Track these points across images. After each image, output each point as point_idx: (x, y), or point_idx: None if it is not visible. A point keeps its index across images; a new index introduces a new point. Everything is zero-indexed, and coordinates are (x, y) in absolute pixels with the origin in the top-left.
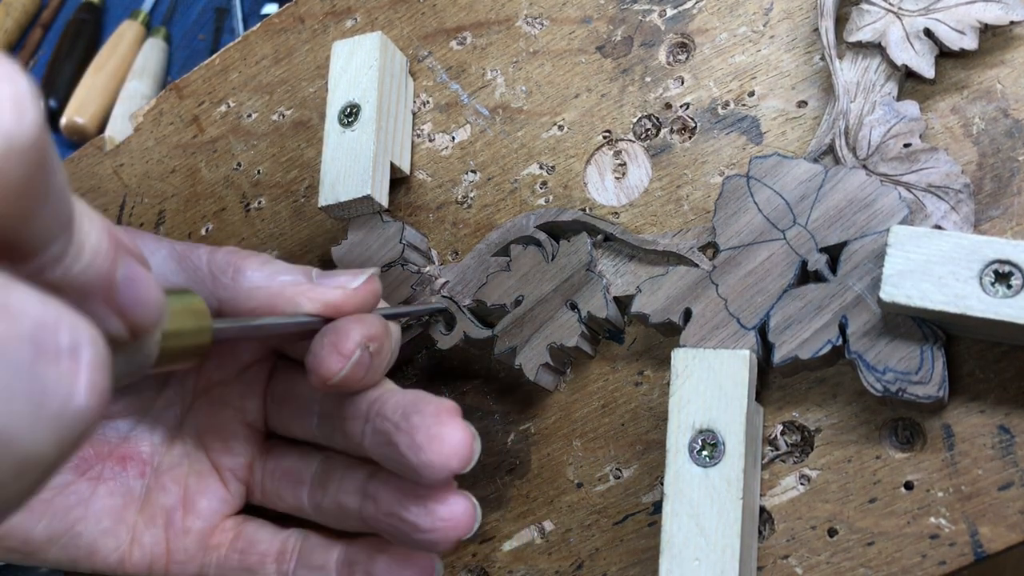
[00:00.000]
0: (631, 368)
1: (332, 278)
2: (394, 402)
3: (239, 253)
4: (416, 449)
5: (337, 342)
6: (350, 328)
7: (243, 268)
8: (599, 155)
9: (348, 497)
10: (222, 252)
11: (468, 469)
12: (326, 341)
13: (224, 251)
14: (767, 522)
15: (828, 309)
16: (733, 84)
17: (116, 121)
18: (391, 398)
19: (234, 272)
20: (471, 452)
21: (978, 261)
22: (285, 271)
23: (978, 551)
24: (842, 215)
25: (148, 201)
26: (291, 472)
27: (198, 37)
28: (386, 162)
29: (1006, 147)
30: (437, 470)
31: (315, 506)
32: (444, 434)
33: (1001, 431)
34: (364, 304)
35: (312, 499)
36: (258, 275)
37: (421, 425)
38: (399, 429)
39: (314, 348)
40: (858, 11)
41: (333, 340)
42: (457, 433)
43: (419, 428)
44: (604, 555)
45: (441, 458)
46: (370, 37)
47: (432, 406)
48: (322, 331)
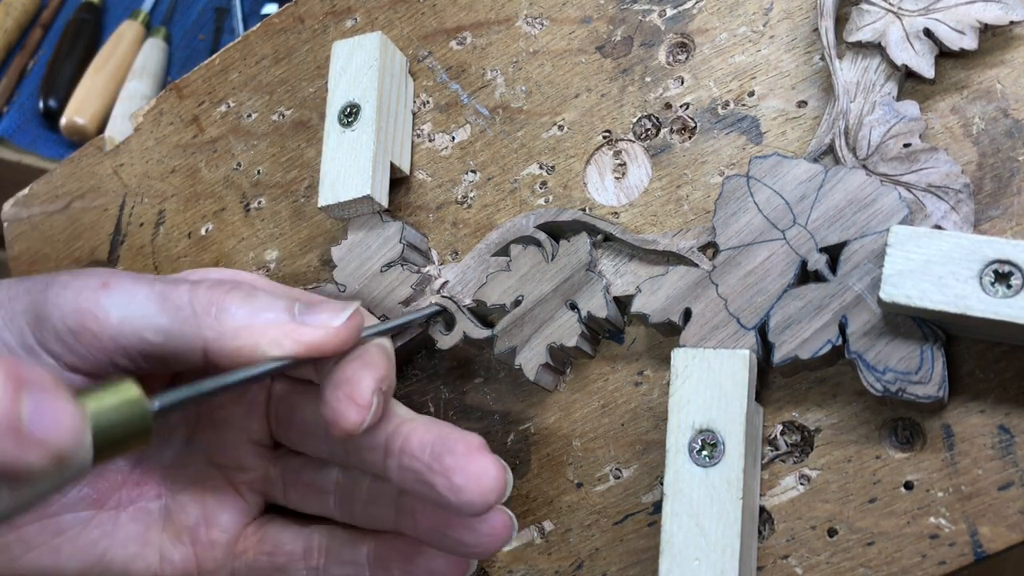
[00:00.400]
0: (631, 368)
1: (315, 314)
2: (419, 439)
3: (221, 287)
4: (456, 491)
5: (353, 394)
6: (362, 377)
7: (226, 306)
8: (599, 155)
9: (381, 510)
10: (204, 289)
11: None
12: (341, 394)
13: (206, 287)
14: (767, 522)
15: (828, 309)
16: (733, 84)
17: (116, 121)
18: (414, 434)
19: (217, 311)
20: (506, 484)
21: (978, 261)
22: (268, 306)
23: (978, 551)
24: (842, 215)
25: (148, 201)
26: (312, 484)
27: (198, 37)
28: (386, 162)
29: (1006, 147)
30: (479, 507)
31: (344, 513)
32: (480, 473)
33: (1001, 431)
34: (347, 342)
35: (341, 507)
36: (241, 313)
37: (456, 466)
38: (433, 471)
39: (329, 401)
40: (858, 11)
41: (348, 392)
42: (492, 469)
43: (455, 470)
44: (604, 555)
45: (481, 497)
46: (370, 37)
47: (462, 444)
48: (333, 382)
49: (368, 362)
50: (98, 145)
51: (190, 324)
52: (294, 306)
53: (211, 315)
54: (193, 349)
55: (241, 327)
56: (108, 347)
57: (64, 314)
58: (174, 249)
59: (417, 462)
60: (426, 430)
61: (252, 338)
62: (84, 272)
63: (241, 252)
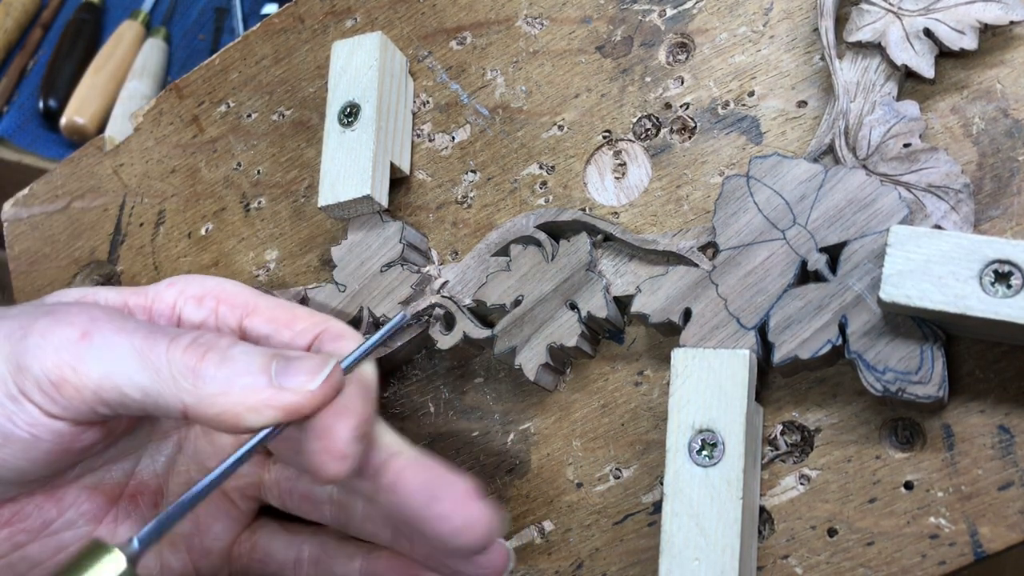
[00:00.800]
0: (631, 368)
1: (293, 375)
2: (409, 482)
3: (198, 348)
4: (451, 535)
5: (330, 448)
6: (339, 428)
7: (203, 372)
8: (599, 155)
9: (378, 529)
10: (181, 350)
11: None
12: (319, 447)
13: (183, 347)
14: (767, 522)
15: (828, 309)
16: (733, 84)
17: (116, 121)
18: (404, 474)
19: (194, 377)
20: (497, 527)
21: (978, 261)
22: (245, 369)
23: (978, 551)
24: (842, 215)
25: (148, 201)
26: (308, 495)
27: (198, 37)
28: (386, 162)
29: (1006, 147)
30: (473, 551)
31: (340, 524)
32: (473, 521)
33: (1001, 431)
34: (326, 402)
35: (336, 519)
36: (219, 378)
37: (451, 513)
38: (426, 516)
39: (309, 453)
40: (858, 11)
41: (326, 445)
42: (483, 516)
43: (449, 517)
44: (604, 555)
45: (475, 542)
46: (370, 37)
47: (455, 489)
48: (311, 433)
49: (344, 408)
50: (98, 145)
51: (169, 387)
52: (271, 366)
53: (188, 380)
54: (173, 408)
55: (219, 393)
56: (89, 399)
57: (44, 367)
58: (174, 249)
59: (410, 504)
60: (415, 472)
61: (230, 406)
62: (62, 319)
63: (241, 252)
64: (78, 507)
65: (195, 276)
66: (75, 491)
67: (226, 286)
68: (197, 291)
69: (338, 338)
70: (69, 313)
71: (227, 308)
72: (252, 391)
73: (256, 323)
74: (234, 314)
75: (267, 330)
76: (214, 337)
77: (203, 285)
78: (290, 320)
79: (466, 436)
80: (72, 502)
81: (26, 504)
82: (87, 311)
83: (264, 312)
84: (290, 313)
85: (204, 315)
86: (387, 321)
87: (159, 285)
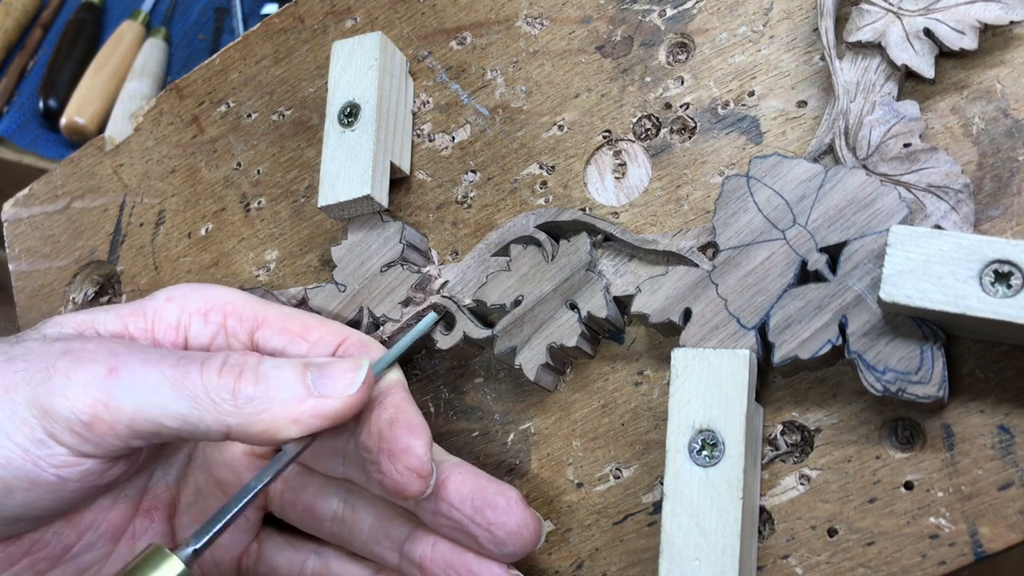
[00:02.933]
0: (631, 368)
1: (330, 382)
2: (457, 490)
3: (232, 369)
4: (499, 544)
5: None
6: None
7: (242, 391)
8: (599, 155)
9: (384, 551)
10: (216, 373)
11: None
12: (401, 467)
13: (216, 370)
14: (767, 522)
15: (828, 309)
16: (733, 84)
17: (116, 121)
18: (451, 483)
19: (234, 398)
20: (541, 533)
21: (978, 261)
22: (283, 384)
23: (978, 551)
24: (842, 215)
25: (148, 201)
26: (311, 510)
27: (198, 37)
28: (386, 162)
29: (1006, 147)
30: (518, 557)
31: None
32: (521, 527)
33: (1001, 431)
34: (363, 404)
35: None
36: (259, 395)
37: (498, 522)
38: (476, 524)
39: (389, 473)
40: (858, 11)
41: (408, 464)
42: (531, 523)
43: (497, 525)
44: (604, 555)
45: (522, 549)
46: (370, 37)
47: (502, 499)
48: (387, 451)
49: (417, 426)
50: (98, 145)
51: (209, 412)
52: (306, 376)
53: (228, 402)
54: (215, 432)
55: (262, 411)
56: (123, 433)
57: (75, 408)
58: (174, 249)
59: (457, 513)
60: (463, 480)
61: (274, 421)
62: (84, 357)
63: (241, 252)
64: (96, 529)
65: (194, 287)
66: (92, 513)
67: (230, 297)
68: (201, 305)
69: (362, 347)
70: (87, 350)
71: (235, 321)
72: (294, 403)
73: (268, 335)
74: (244, 327)
75: (280, 342)
76: (242, 356)
77: (206, 298)
78: (303, 330)
79: (466, 436)
80: (90, 524)
81: (44, 532)
82: (105, 345)
83: (275, 324)
84: (300, 323)
85: (212, 331)
86: (387, 321)
87: (156, 300)
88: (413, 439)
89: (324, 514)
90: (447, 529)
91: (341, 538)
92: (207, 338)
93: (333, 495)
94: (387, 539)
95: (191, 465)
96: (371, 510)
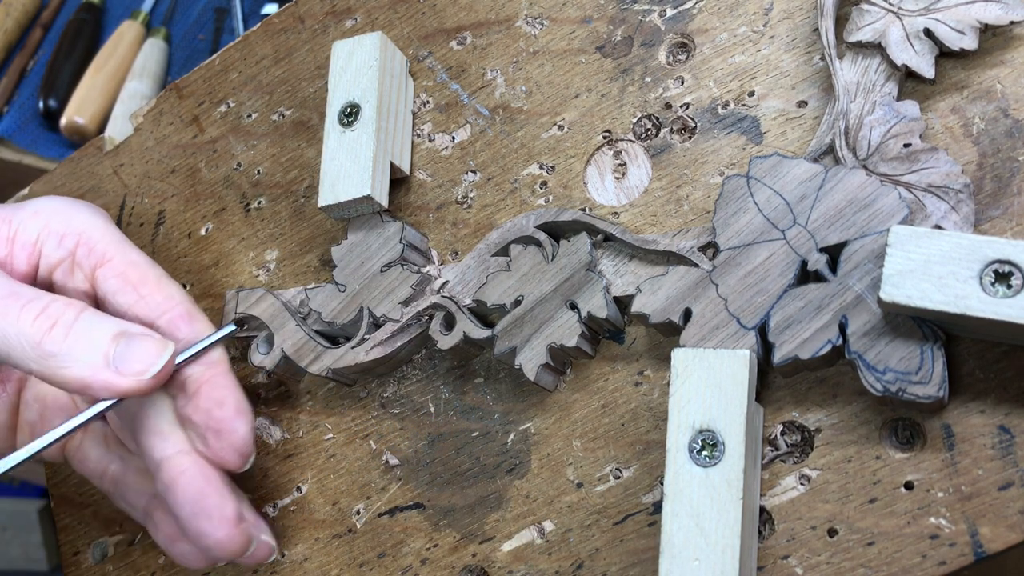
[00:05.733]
0: (631, 368)
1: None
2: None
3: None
4: (206, 548)
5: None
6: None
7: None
8: (599, 155)
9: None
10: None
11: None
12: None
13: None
14: (767, 522)
15: (828, 309)
16: (733, 84)
17: (116, 121)
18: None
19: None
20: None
21: (978, 261)
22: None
23: (978, 551)
24: (842, 215)
25: (148, 201)
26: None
27: (198, 37)
28: (386, 162)
29: (1006, 147)
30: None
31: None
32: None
33: (1001, 431)
34: (157, 387)
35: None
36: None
37: (208, 532)
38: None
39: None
40: (858, 11)
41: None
42: (237, 540)
43: (206, 534)
44: (604, 555)
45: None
46: (370, 37)
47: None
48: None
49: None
50: (98, 145)
51: (16, 351)
52: (113, 346)
53: (35, 352)
54: (21, 368)
55: (61, 368)
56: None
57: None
58: (174, 249)
59: (179, 508)
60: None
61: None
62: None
63: (241, 252)
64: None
65: (65, 204)
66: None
67: (89, 226)
68: (60, 228)
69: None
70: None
71: (84, 252)
72: (90, 371)
73: (106, 275)
74: (89, 261)
75: (114, 285)
76: (64, 305)
77: (68, 221)
78: (139, 282)
79: (466, 436)
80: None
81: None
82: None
83: (117, 266)
84: (140, 273)
85: (61, 256)
86: (387, 321)
87: (24, 211)
88: (239, 421)
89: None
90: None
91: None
92: (55, 260)
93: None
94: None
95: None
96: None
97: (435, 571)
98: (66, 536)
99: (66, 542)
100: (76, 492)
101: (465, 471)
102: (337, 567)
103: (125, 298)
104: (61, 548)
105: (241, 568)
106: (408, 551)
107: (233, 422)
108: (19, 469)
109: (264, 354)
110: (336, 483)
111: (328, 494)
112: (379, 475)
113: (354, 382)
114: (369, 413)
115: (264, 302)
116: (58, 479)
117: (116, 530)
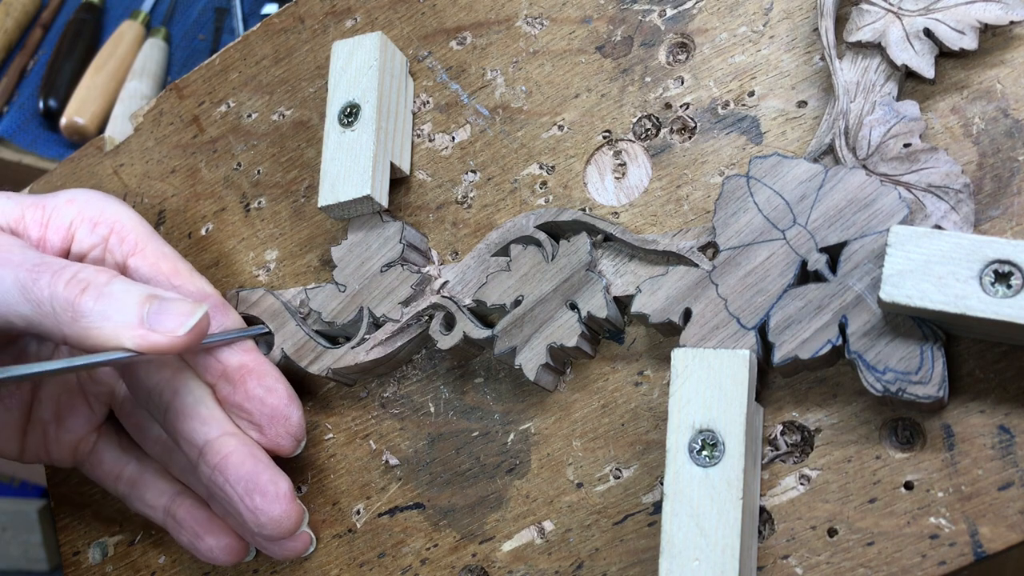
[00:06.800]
0: (631, 368)
1: (164, 317)
2: (235, 470)
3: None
4: (260, 526)
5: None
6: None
7: (80, 309)
8: (599, 155)
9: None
10: (63, 284)
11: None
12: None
13: (64, 282)
14: (767, 522)
15: (828, 309)
16: (733, 84)
17: (116, 121)
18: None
19: (73, 313)
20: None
21: (978, 261)
22: (120, 307)
23: (978, 551)
24: (842, 215)
25: (148, 201)
26: (140, 425)
27: (198, 37)
28: (386, 162)
29: (1006, 147)
30: (277, 540)
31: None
32: (283, 518)
33: (1001, 431)
34: (189, 348)
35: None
36: (95, 313)
37: (263, 508)
38: (243, 504)
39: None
40: (858, 11)
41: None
42: (294, 515)
43: (262, 511)
44: (604, 555)
45: (280, 534)
46: (370, 37)
47: (272, 488)
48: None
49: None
50: (98, 145)
51: (50, 319)
52: (146, 306)
53: (68, 315)
54: (54, 336)
55: (95, 327)
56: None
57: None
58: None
59: (230, 490)
60: (242, 461)
61: (103, 338)
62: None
63: (241, 252)
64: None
65: (98, 196)
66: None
67: (123, 218)
68: (94, 215)
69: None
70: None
71: (117, 240)
72: (125, 328)
73: (139, 264)
74: (122, 249)
75: (146, 274)
76: (95, 272)
77: (103, 210)
78: (171, 273)
79: (466, 436)
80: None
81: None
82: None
83: (149, 256)
84: (172, 265)
85: (94, 241)
86: (387, 321)
87: (58, 199)
88: (292, 407)
89: (150, 434)
90: (219, 497)
91: (162, 459)
92: (88, 246)
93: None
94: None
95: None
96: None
97: (435, 571)
98: (66, 536)
99: (66, 542)
100: (76, 492)
101: (465, 471)
102: (337, 567)
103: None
104: (61, 548)
105: (241, 568)
106: (408, 551)
107: (287, 408)
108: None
109: (264, 354)
110: (336, 483)
111: (328, 494)
112: (379, 475)
113: (354, 382)
114: (369, 413)
115: (264, 302)
116: (58, 479)
117: (116, 530)
